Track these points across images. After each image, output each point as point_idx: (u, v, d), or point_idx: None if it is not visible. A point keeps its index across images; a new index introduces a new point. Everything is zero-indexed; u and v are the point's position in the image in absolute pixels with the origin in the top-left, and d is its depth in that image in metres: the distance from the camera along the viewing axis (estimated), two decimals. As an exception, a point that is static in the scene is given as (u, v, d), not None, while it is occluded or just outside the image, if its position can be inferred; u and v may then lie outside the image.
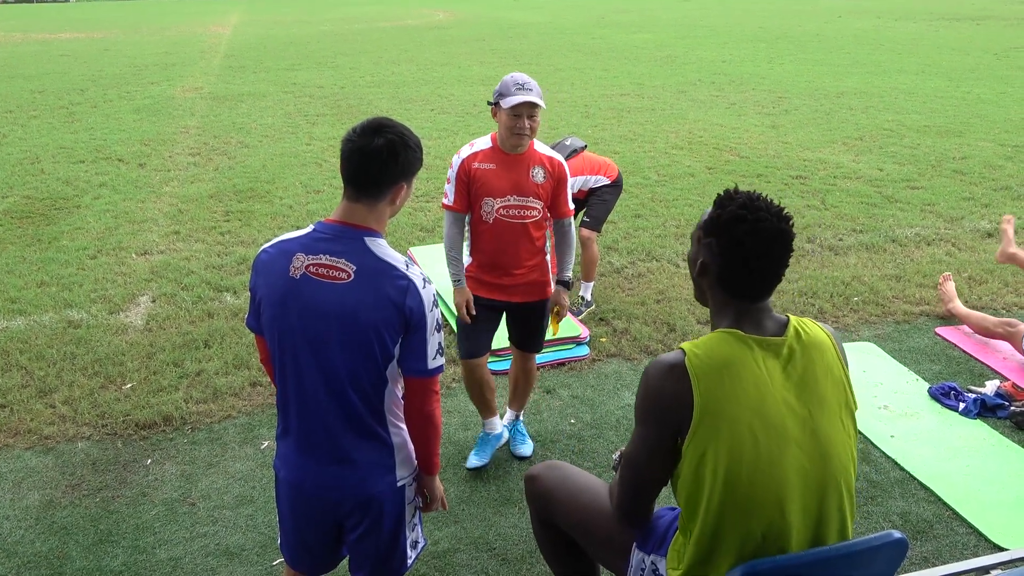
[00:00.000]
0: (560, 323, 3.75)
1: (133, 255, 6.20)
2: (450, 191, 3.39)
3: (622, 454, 2.36)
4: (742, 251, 1.87)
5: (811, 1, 35.05)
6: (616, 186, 5.38)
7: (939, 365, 4.59)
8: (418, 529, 2.36)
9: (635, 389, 4.29)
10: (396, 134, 2.10)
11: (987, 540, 3.23)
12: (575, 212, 3.90)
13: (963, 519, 3.35)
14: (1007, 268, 5.72)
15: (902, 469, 3.68)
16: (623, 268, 5.93)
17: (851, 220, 6.95)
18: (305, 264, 2.09)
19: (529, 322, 3.59)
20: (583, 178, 5.24)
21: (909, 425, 4.01)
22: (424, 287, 2.11)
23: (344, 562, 2.42)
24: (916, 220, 6.97)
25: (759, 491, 1.83)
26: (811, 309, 5.25)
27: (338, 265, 2.07)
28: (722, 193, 1.96)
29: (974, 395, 4.16)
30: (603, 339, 4.89)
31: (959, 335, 4.89)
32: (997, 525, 3.31)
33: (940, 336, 4.91)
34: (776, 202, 1.95)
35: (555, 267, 3.64)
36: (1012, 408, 4.05)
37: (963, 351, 4.72)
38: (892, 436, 3.91)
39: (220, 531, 3.31)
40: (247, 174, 8.43)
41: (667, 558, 2.06)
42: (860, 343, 4.84)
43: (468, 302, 3.44)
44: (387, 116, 2.17)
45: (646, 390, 1.92)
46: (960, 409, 4.10)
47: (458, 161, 3.37)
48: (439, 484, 2.38)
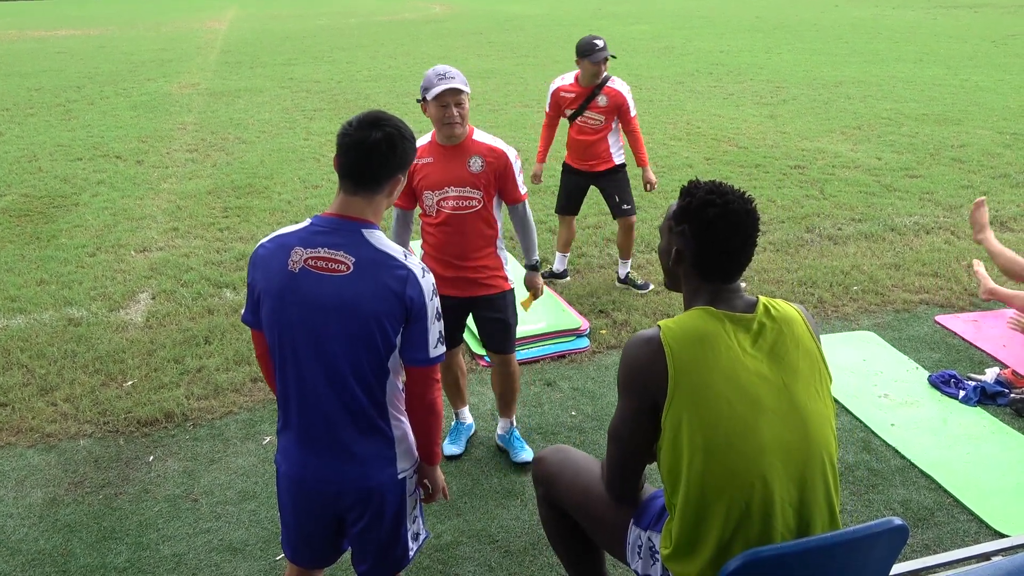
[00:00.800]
0: (533, 302, 3.74)
1: (132, 252, 6.20)
2: None
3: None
4: (714, 233, 1.97)
5: (808, -10, 34.93)
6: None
7: (939, 353, 4.60)
8: (419, 521, 2.37)
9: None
10: (393, 127, 2.12)
11: (988, 527, 3.24)
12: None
13: (964, 506, 3.36)
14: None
15: (903, 457, 3.69)
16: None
17: (850, 209, 6.95)
18: (304, 257, 2.09)
19: (492, 319, 3.53)
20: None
21: (909, 413, 4.02)
22: (423, 276, 2.13)
23: (346, 556, 2.43)
24: (915, 208, 6.97)
25: (737, 458, 1.88)
26: (811, 299, 5.26)
27: (337, 257, 2.08)
28: (686, 185, 2.06)
29: (974, 383, 4.17)
30: (603, 331, 4.90)
31: (959, 323, 4.90)
32: (998, 512, 3.32)
33: (940, 324, 4.92)
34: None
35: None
36: (1012, 395, 4.06)
37: (963, 339, 4.73)
38: (892, 424, 3.92)
39: (223, 527, 3.32)
40: (245, 170, 8.42)
41: (660, 536, 2.10)
42: (860, 332, 4.85)
43: None
44: (381, 109, 2.18)
45: (624, 363, 2.02)
46: (960, 397, 4.11)
47: None
48: (440, 474, 2.39)
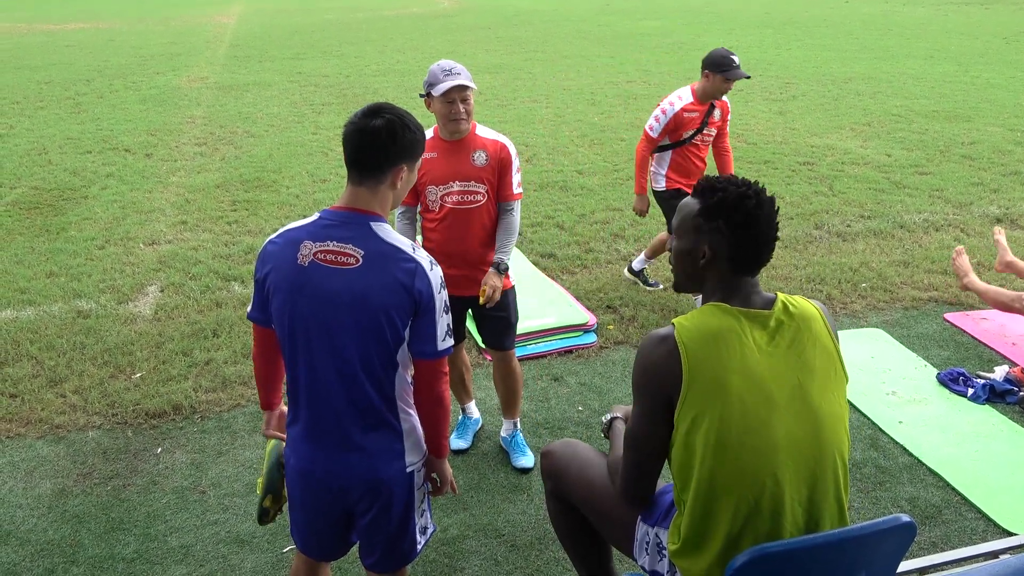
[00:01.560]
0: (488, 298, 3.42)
1: (141, 245, 6.22)
2: None
3: (611, 421, 2.44)
4: (754, 225, 1.95)
5: (818, -14, 34.78)
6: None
7: (948, 351, 4.58)
8: (427, 515, 2.38)
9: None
10: (395, 115, 2.12)
11: (996, 525, 3.23)
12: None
13: (972, 504, 3.35)
14: (1016, 253, 5.69)
15: (910, 455, 3.68)
16: (630, 255, 5.92)
17: (859, 206, 6.92)
18: (313, 251, 2.10)
19: (492, 317, 3.49)
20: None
21: (917, 411, 4.01)
22: (431, 269, 2.13)
23: (354, 548, 2.43)
24: (924, 206, 6.94)
25: (749, 456, 1.87)
26: (819, 295, 5.24)
27: (346, 251, 2.09)
28: (701, 183, 2.04)
29: (983, 381, 4.16)
30: (610, 326, 4.89)
31: (968, 321, 4.88)
32: (1006, 510, 3.31)
33: (949, 322, 4.90)
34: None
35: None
36: (1021, 394, 4.05)
37: (972, 337, 4.71)
38: (900, 422, 3.91)
39: (231, 519, 3.33)
40: (253, 164, 8.44)
41: (668, 532, 2.10)
42: (868, 329, 4.83)
43: None
44: (387, 101, 2.18)
45: (639, 362, 1.99)
46: (969, 395, 4.09)
47: None
48: (448, 467, 2.40)
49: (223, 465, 3.67)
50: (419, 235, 3.50)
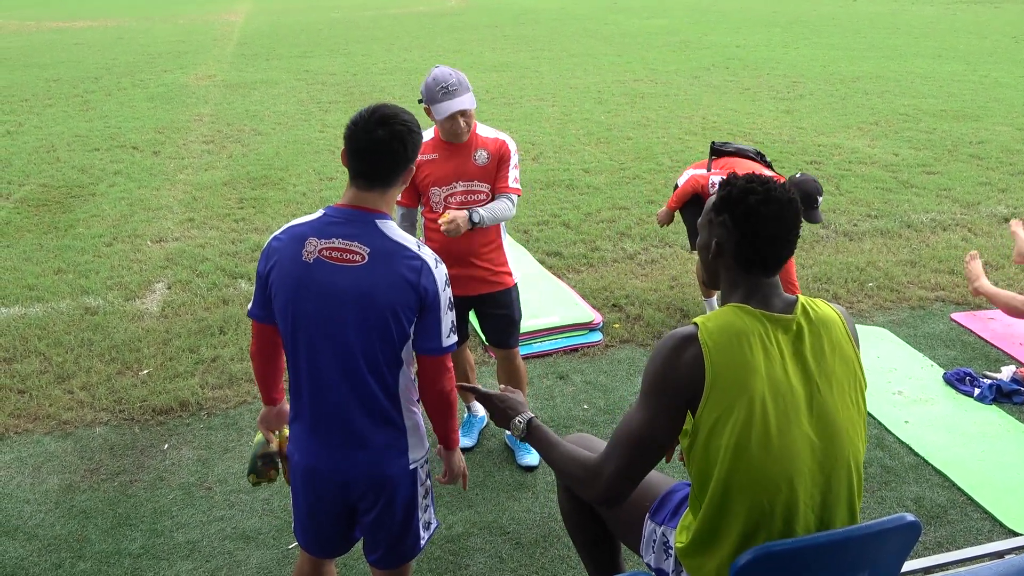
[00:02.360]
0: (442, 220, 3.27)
1: (148, 242, 6.25)
2: None
3: (529, 422, 2.18)
4: (757, 220, 1.90)
5: (826, -16, 34.67)
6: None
7: (954, 351, 4.57)
8: (431, 511, 2.38)
9: (648, 375, 4.30)
10: (401, 123, 2.11)
11: (1002, 525, 3.23)
12: None
13: (977, 504, 3.34)
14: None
15: (916, 454, 3.67)
16: (636, 254, 5.92)
17: (866, 205, 6.90)
18: (318, 248, 2.11)
19: (496, 315, 3.50)
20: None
21: (923, 411, 4.00)
22: (436, 267, 2.14)
23: (358, 545, 2.44)
24: (932, 205, 6.91)
25: (769, 463, 1.84)
26: (825, 294, 5.23)
27: (352, 248, 2.09)
28: (724, 179, 2.01)
29: (989, 381, 4.14)
30: (616, 325, 4.89)
31: (975, 321, 4.87)
32: (1012, 510, 3.30)
33: (955, 322, 4.88)
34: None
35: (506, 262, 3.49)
36: (1028, 394, 4.04)
37: (979, 336, 4.70)
38: (906, 422, 3.90)
39: (237, 515, 3.34)
40: (261, 161, 8.46)
41: (676, 531, 2.09)
42: (873, 328, 4.82)
43: None
44: (384, 103, 2.17)
45: (658, 361, 1.92)
46: (975, 395, 4.08)
47: None
48: (457, 459, 2.40)
49: (229, 461, 3.68)
50: (421, 235, 3.50)
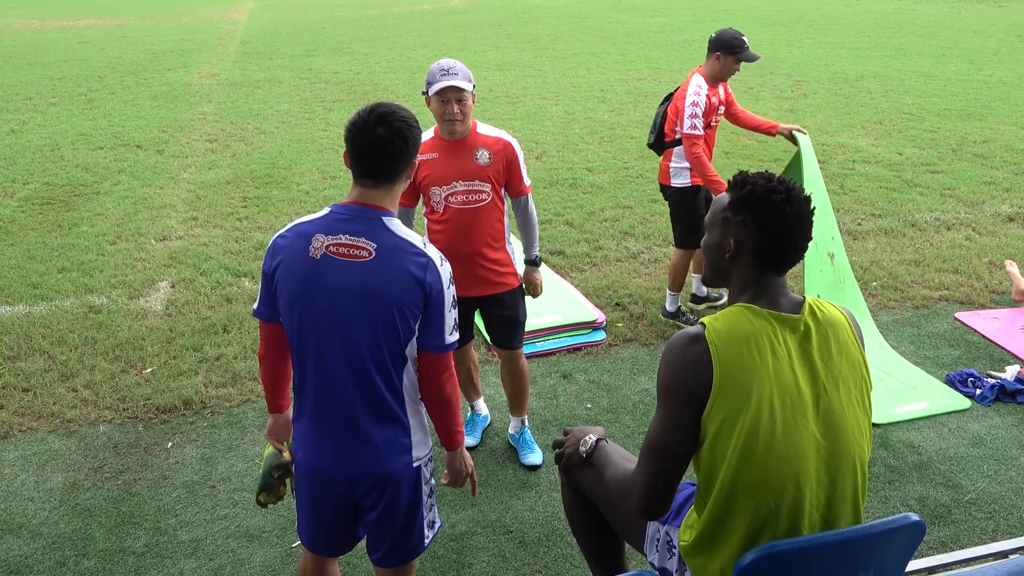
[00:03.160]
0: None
1: (152, 241, 6.25)
2: None
3: (596, 443, 2.36)
4: (780, 220, 1.91)
5: (830, -17, 34.61)
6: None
7: (958, 350, 4.56)
8: (435, 509, 2.38)
9: (652, 374, 4.30)
10: (399, 120, 2.13)
11: (1006, 525, 3.22)
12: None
13: (981, 504, 3.34)
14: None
15: (920, 454, 3.67)
16: (639, 253, 5.92)
17: (870, 205, 6.89)
18: (325, 244, 2.12)
19: (501, 316, 3.49)
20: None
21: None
22: (441, 264, 2.16)
23: (362, 543, 2.44)
24: (936, 204, 6.90)
25: (775, 463, 1.85)
26: (829, 294, 5.22)
27: (358, 244, 2.11)
28: (737, 176, 2.01)
29: (993, 381, 4.14)
30: (619, 324, 4.89)
31: (979, 320, 4.86)
32: (1016, 510, 3.29)
33: (960, 321, 4.88)
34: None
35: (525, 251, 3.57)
36: (1032, 393, 4.03)
37: (983, 336, 4.69)
38: (910, 421, 3.90)
39: (240, 513, 3.35)
40: (264, 160, 8.46)
41: (679, 530, 2.09)
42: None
43: None
44: (382, 101, 2.18)
45: (667, 363, 1.93)
46: (976, 395, 4.08)
47: None
48: (461, 459, 2.40)
49: (233, 460, 3.69)
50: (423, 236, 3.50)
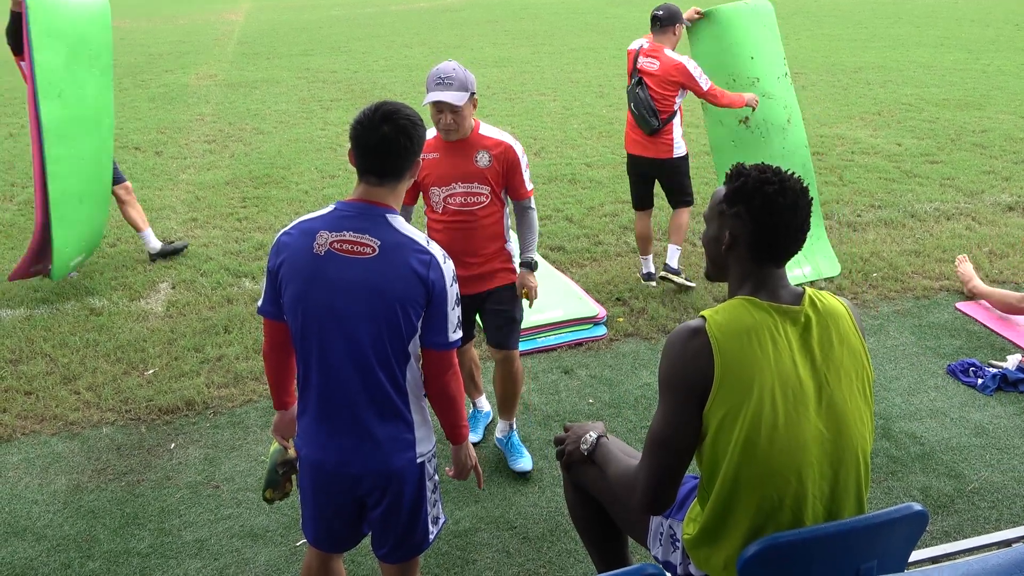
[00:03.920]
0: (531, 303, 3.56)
1: (152, 242, 6.25)
2: None
3: (597, 440, 2.35)
4: (773, 211, 1.91)
5: (827, -25, 34.54)
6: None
7: (960, 340, 4.56)
8: (439, 506, 2.39)
9: (653, 368, 4.30)
10: (404, 118, 2.14)
11: (1009, 514, 3.22)
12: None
13: (984, 494, 3.34)
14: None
15: (922, 444, 3.67)
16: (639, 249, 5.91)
17: (869, 196, 6.89)
18: (329, 241, 2.13)
19: (497, 312, 3.45)
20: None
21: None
22: (444, 262, 2.17)
23: (366, 540, 2.45)
24: (935, 195, 6.90)
25: (778, 456, 1.85)
26: (829, 286, 5.23)
27: (362, 240, 2.12)
28: (732, 169, 2.00)
29: (994, 370, 4.14)
30: (620, 319, 4.89)
31: (980, 310, 4.86)
32: (1019, 499, 3.29)
33: (961, 311, 4.87)
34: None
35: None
36: (1034, 382, 4.03)
37: (984, 326, 4.69)
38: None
39: (244, 513, 3.35)
40: (263, 160, 8.46)
41: (683, 523, 2.09)
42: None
43: None
44: (386, 100, 2.19)
45: (668, 356, 1.93)
46: (978, 385, 4.08)
47: None
48: (465, 454, 2.40)
49: (236, 460, 3.69)
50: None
